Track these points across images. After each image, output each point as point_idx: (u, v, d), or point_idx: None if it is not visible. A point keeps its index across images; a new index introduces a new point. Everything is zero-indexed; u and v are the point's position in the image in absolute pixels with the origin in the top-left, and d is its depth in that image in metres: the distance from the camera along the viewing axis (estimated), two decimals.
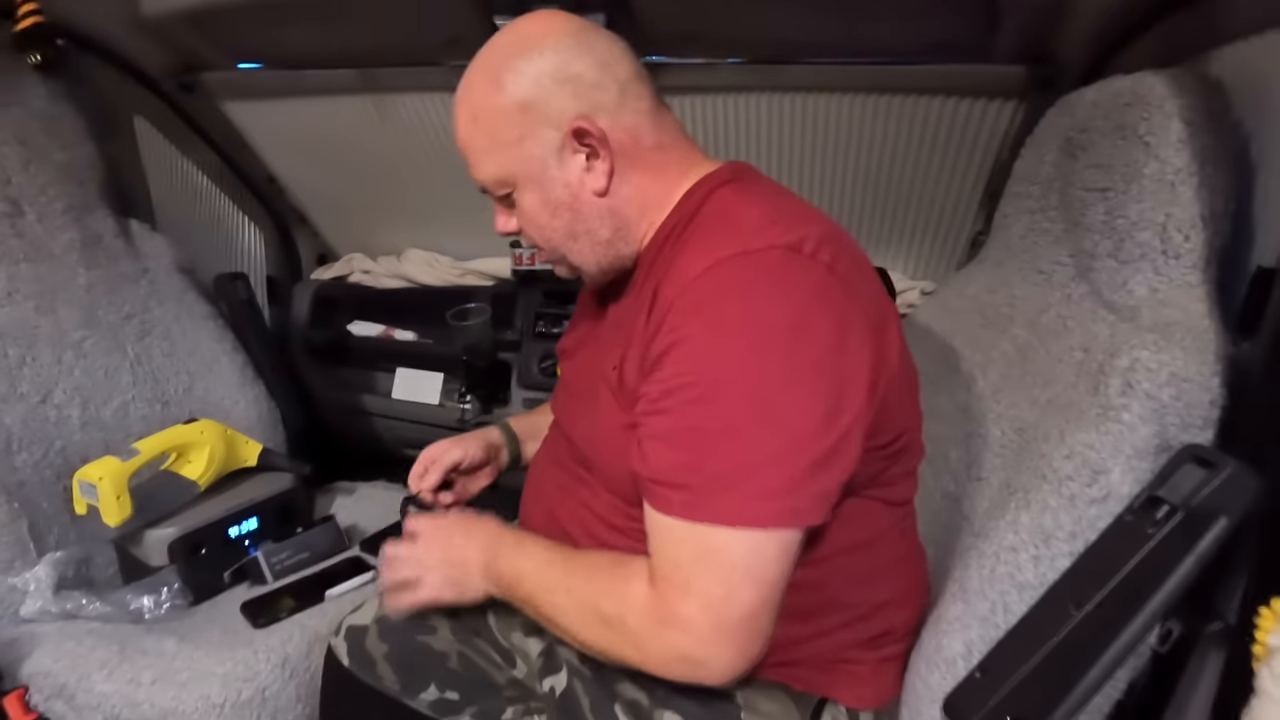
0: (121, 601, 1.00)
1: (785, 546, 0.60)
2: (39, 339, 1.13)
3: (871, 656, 0.73)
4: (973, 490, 0.83)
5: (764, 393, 0.58)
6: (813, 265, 0.61)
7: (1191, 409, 0.65)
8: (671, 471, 0.60)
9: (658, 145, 0.70)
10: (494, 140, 0.68)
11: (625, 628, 0.63)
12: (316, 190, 1.74)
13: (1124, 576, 0.62)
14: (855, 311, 0.62)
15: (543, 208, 0.70)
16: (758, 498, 0.58)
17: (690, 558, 0.60)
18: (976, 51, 1.11)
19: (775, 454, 0.59)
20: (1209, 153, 0.69)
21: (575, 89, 0.67)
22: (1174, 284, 0.71)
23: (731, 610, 0.59)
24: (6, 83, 1.15)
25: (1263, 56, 0.74)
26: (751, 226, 0.63)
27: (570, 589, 0.68)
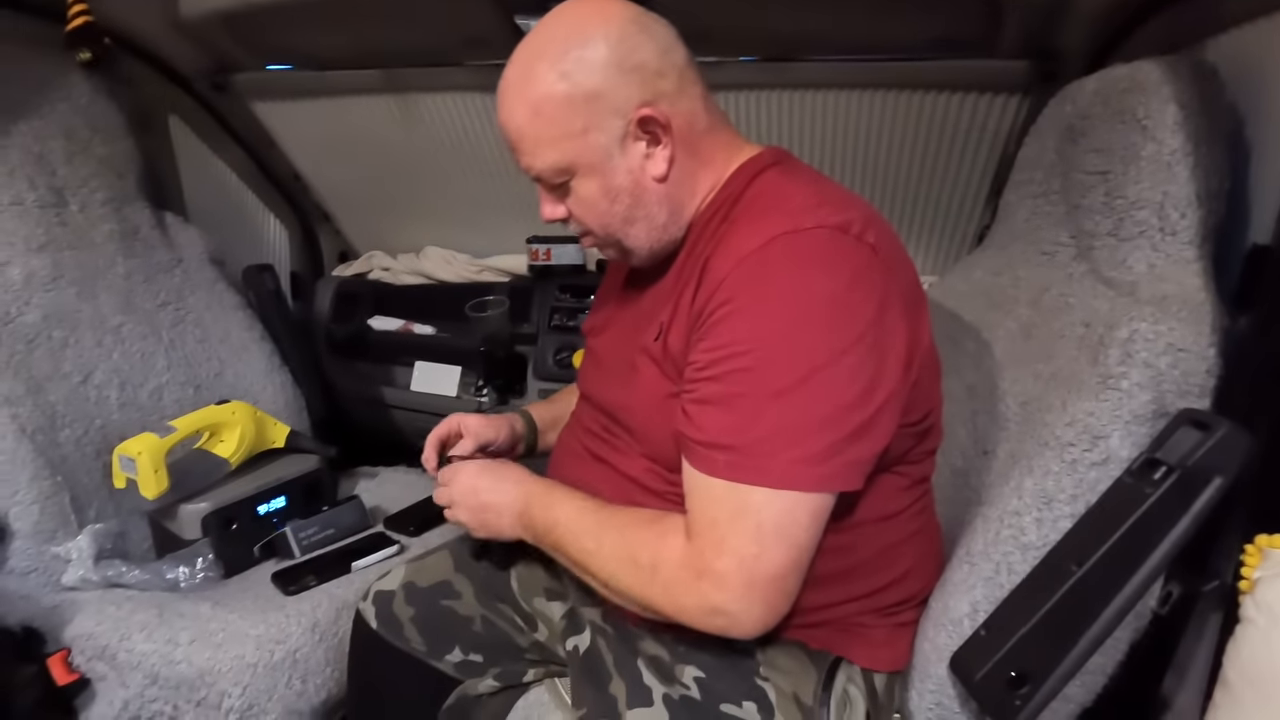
0: (158, 571, 1.04)
1: (817, 511, 0.63)
2: (81, 323, 1.18)
3: (887, 622, 0.76)
4: (980, 465, 0.86)
5: (811, 362, 0.61)
6: (859, 246, 0.64)
7: (1188, 377, 0.68)
8: (718, 433, 0.63)
9: (709, 129, 0.73)
10: (558, 131, 0.68)
11: (658, 576, 0.66)
12: (339, 188, 1.80)
13: (1123, 534, 0.65)
14: (894, 292, 0.65)
15: (603, 194, 0.71)
16: (798, 462, 0.61)
17: (728, 516, 0.62)
18: (981, 47, 1.15)
19: (819, 421, 0.61)
20: (1204, 134, 0.72)
21: (641, 78, 0.67)
22: (1171, 260, 0.74)
23: (762, 568, 0.62)
24: (55, 81, 1.21)
25: (1255, 43, 0.77)
26: (800, 207, 0.66)
27: (603, 537, 0.71)
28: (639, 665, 0.73)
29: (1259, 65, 0.76)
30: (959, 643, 0.72)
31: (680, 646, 0.73)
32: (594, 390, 0.84)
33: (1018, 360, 0.85)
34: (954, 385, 0.95)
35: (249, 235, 1.75)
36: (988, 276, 1.00)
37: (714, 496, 0.63)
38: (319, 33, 1.35)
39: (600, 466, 0.79)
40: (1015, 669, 0.67)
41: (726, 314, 0.64)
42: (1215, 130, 0.73)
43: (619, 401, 0.77)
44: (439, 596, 0.88)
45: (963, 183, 1.39)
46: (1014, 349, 0.87)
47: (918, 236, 1.51)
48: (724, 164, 0.74)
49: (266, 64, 1.48)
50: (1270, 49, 0.76)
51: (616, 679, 0.73)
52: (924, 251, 1.54)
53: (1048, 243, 0.89)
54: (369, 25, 1.31)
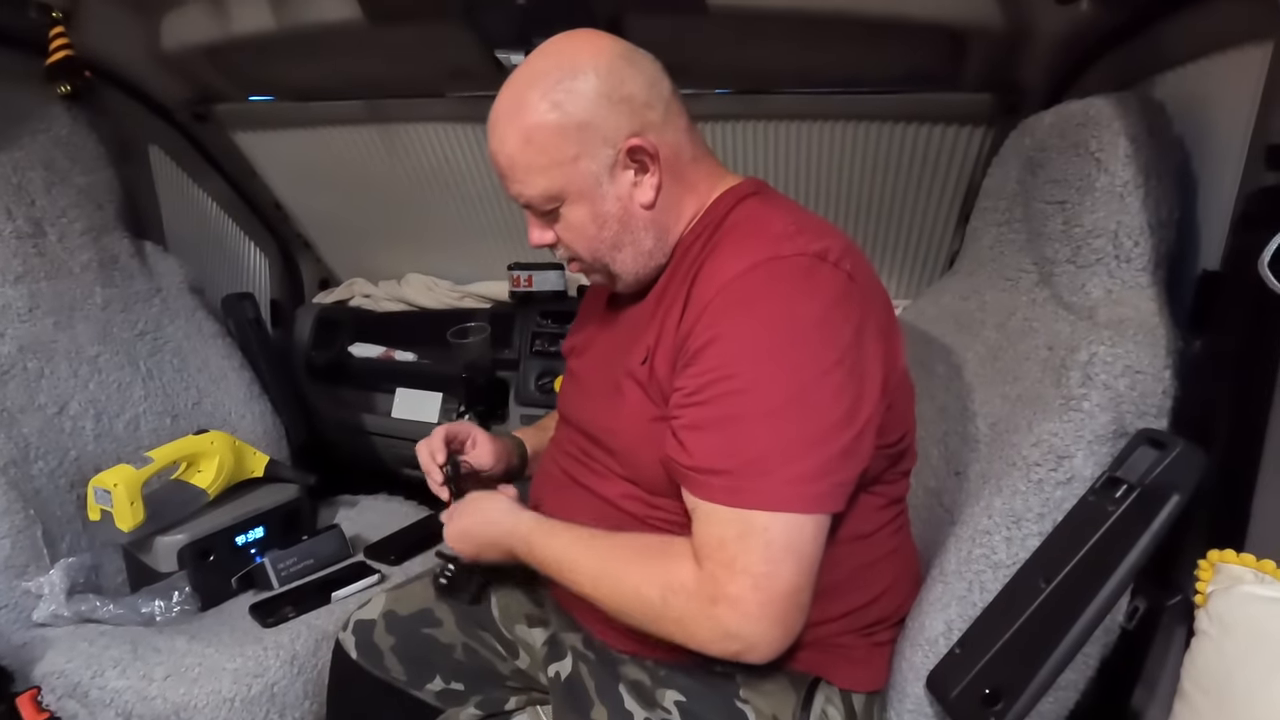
0: (133, 605, 1.02)
1: (819, 527, 0.64)
2: (57, 353, 1.17)
3: (865, 641, 0.77)
4: (952, 485, 0.88)
5: (798, 384, 0.63)
6: (836, 273, 0.66)
7: (1145, 398, 0.71)
8: (711, 458, 0.64)
9: (694, 159, 0.75)
10: (549, 158, 0.70)
11: (669, 608, 0.65)
12: (320, 216, 1.81)
13: (1088, 551, 0.67)
14: (871, 318, 0.68)
15: (592, 221, 0.73)
16: (793, 482, 0.62)
17: (735, 537, 0.63)
18: (947, 81, 1.20)
19: (810, 441, 0.63)
20: (1153, 167, 0.76)
21: (630, 109, 0.70)
22: (1126, 285, 0.77)
23: (776, 586, 0.62)
24: (36, 112, 1.21)
25: (1196, 81, 0.81)
26: (780, 234, 0.68)
27: (605, 574, 0.70)
28: (620, 691, 0.73)
29: (1201, 102, 0.81)
30: (935, 661, 0.73)
31: (661, 670, 0.74)
32: (574, 412, 0.85)
33: (986, 382, 0.88)
34: (926, 407, 0.97)
35: (229, 263, 1.75)
36: (956, 301, 1.03)
37: (718, 519, 0.64)
38: (301, 64, 1.37)
39: (579, 491, 0.80)
40: (990, 686, 0.68)
41: (712, 339, 0.65)
42: (1164, 163, 0.77)
43: (601, 424, 0.78)
44: (420, 625, 0.88)
45: (932, 210, 1.43)
46: (982, 371, 0.90)
47: (890, 262, 1.55)
48: (707, 192, 0.76)
49: (248, 95, 1.50)
50: (1209, 87, 0.80)
51: (598, 705, 0.73)
52: (897, 276, 1.58)
53: (1011, 269, 0.93)
54: (352, 58, 1.33)
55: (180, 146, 1.56)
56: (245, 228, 1.76)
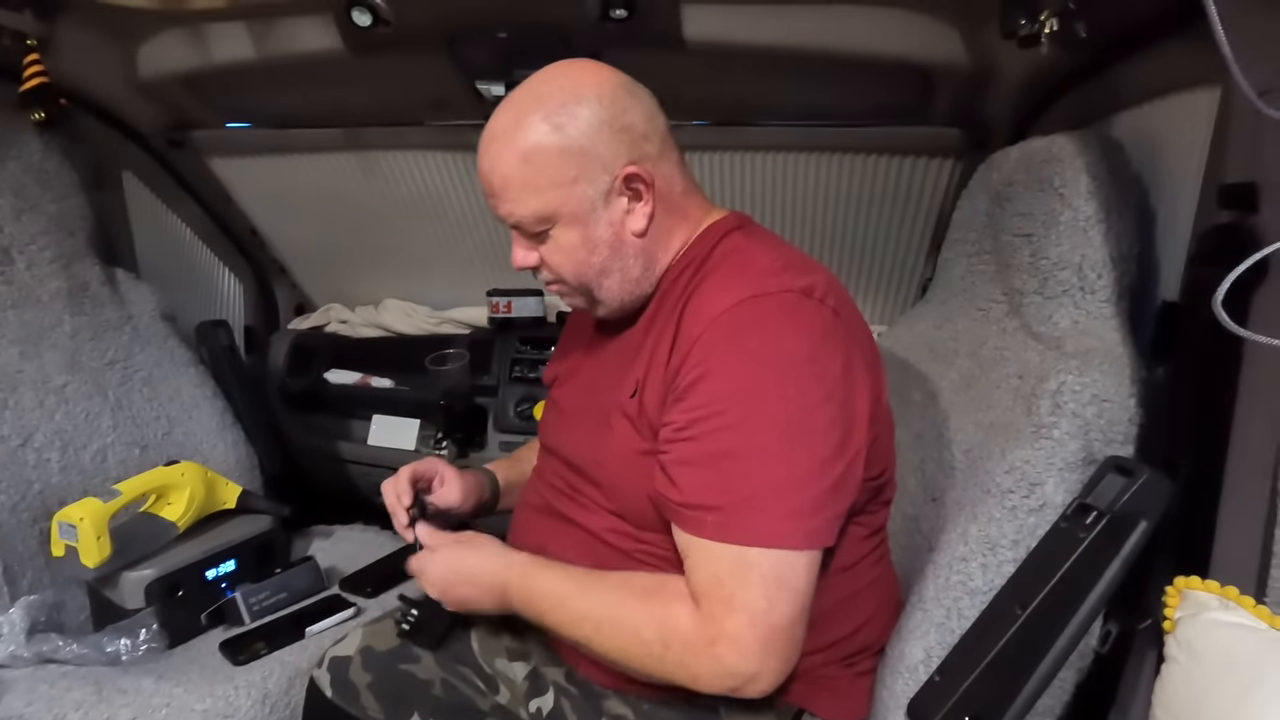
0: (97, 645, 0.99)
1: (812, 561, 0.65)
2: (22, 383, 1.14)
3: (847, 672, 0.78)
4: (929, 512, 0.90)
5: (789, 419, 0.63)
6: (821, 308, 0.68)
7: (1112, 425, 0.73)
8: (703, 494, 0.64)
9: (685, 191, 0.77)
10: (547, 179, 0.71)
11: (670, 651, 0.65)
12: (297, 242, 1.79)
13: (1061, 577, 0.68)
14: (856, 351, 0.69)
15: (583, 244, 0.73)
16: (785, 518, 0.63)
17: (731, 574, 0.63)
18: (916, 115, 1.24)
19: (802, 477, 0.63)
20: (1114, 203, 0.79)
21: (629, 138, 0.71)
22: (1092, 316, 0.80)
23: (773, 620, 0.62)
24: (6, 138, 1.19)
25: (1151, 121, 0.85)
26: (766, 270, 0.69)
27: (602, 619, 0.69)
28: None
29: (1156, 140, 0.84)
30: (915, 689, 0.73)
31: (644, 705, 0.73)
32: (557, 442, 0.85)
33: (960, 410, 0.90)
34: (902, 434, 0.98)
35: (202, 289, 1.72)
36: (930, 329, 1.05)
37: (712, 557, 0.64)
38: (280, 93, 1.37)
39: (563, 524, 0.80)
40: (969, 713, 0.68)
41: (702, 374, 0.65)
42: (1124, 198, 0.80)
43: (587, 456, 0.78)
44: (397, 661, 0.86)
45: (904, 239, 1.47)
46: (957, 399, 0.92)
47: (864, 289, 1.58)
48: (695, 224, 0.78)
49: (225, 122, 1.49)
50: (1163, 126, 0.84)
51: None
52: (871, 303, 1.61)
53: (982, 299, 0.95)
54: (331, 87, 1.34)
55: (155, 173, 1.54)
56: (219, 254, 1.74)
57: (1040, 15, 0.75)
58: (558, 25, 1.09)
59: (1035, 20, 0.76)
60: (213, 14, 1.14)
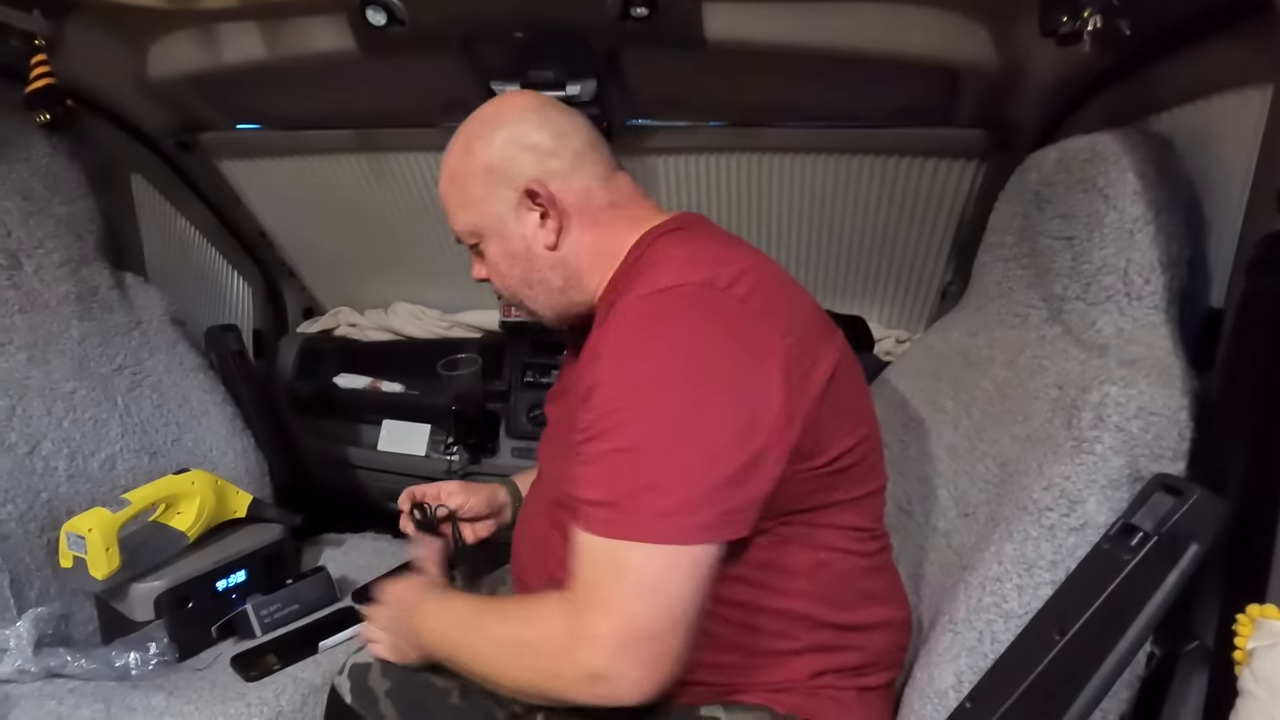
0: (106, 659, 0.97)
1: (696, 564, 0.62)
2: (29, 390, 1.13)
3: (852, 684, 0.75)
4: (962, 526, 0.86)
5: (671, 415, 0.63)
6: (724, 298, 0.66)
7: (1160, 440, 0.69)
8: (596, 491, 0.64)
9: (610, 204, 0.79)
10: (465, 197, 0.79)
11: (540, 654, 0.65)
12: (307, 245, 1.77)
13: (1103, 602, 0.65)
14: (767, 337, 0.66)
15: (503, 257, 0.80)
16: (670, 514, 0.62)
17: (606, 575, 0.63)
18: (940, 116, 1.20)
19: (682, 472, 0.62)
20: (1162, 204, 0.75)
21: (533, 156, 0.77)
22: (1138, 323, 0.76)
23: (640, 626, 0.61)
24: (14, 140, 1.18)
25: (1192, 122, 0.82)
26: (672, 267, 0.70)
27: (484, 630, 0.71)
28: None
29: (1198, 142, 0.81)
30: (945, 715, 0.70)
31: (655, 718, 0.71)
32: (544, 463, 0.87)
33: (996, 421, 0.87)
34: (934, 446, 0.96)
35: (211, 293, 1.71)
36: (964, 337, 1.02)
37: (593, 557, 0.64)
38: (291, 94, 1.35)
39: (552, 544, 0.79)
40: None
41: (599, 377, 0.66)
42: (1172, 200, 0.76)
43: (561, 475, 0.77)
44: (416, 668, 0.85)
45: (924, 243, 1.44)
46: (992, 410, 0.88)
47: (882, 293, 1.55)
48: (627, 235, 0.78)
49: (236, 123, 1.47)
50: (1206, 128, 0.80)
51: None
52: (888, 307, 1.58)
53: (1020, 305, 0.92)
54: (343, 88, 1.31)
55: (163, 175, 1.52)
56: (228, 256, 1.72)
57: (1083, 12, 0.72)
58: (576, 25, 1.07)
59: (1078, 17, 0.73)
60: (224, 14, 1.12)
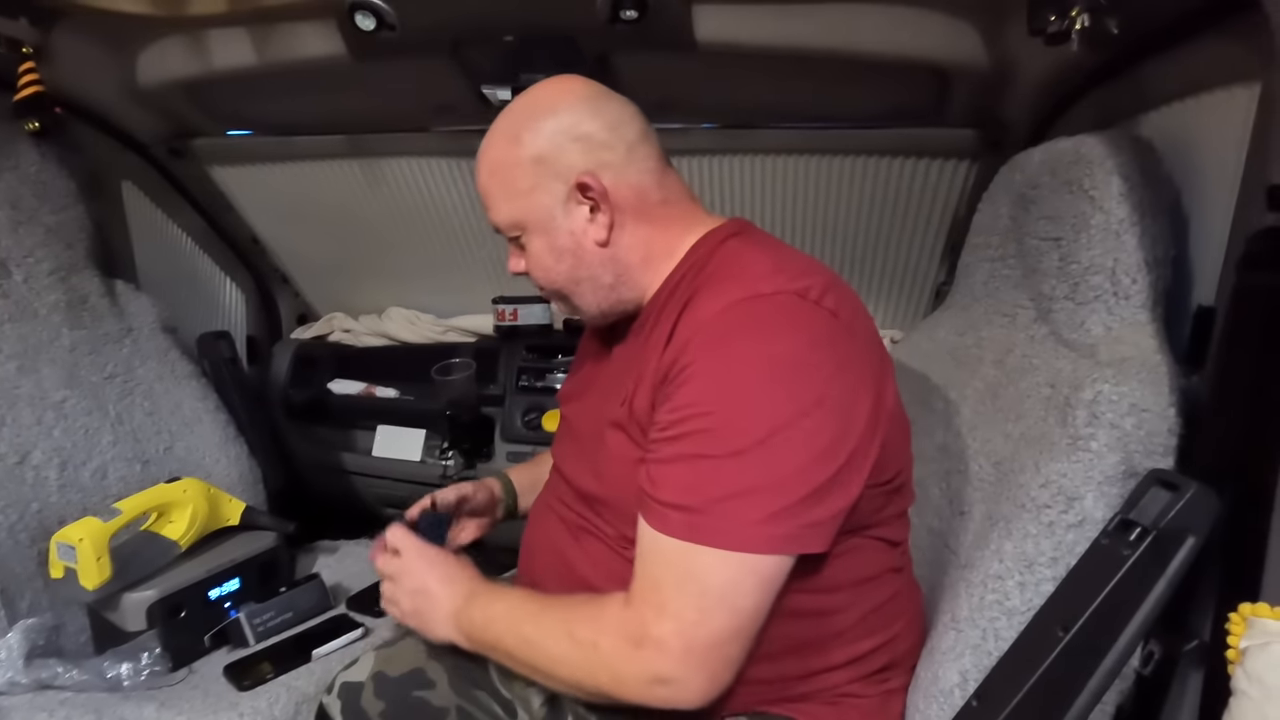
0: (98, 669, 0.96)
1: (768, 577, 0.63)
2: (19, 399, 1.12)
3: (875, 690, 0.75)
4: (957, 525, 0.87)
5: (770, 424, 0.62)
6: (818, 310, 0.66)
7: (1152, 436, 0.70)
8: (676, 493, 0.64)
9: (663, 201, 0.76)
10: (510, 189, 0.75)
11: (599, 651, 0.65)
12: (299, 251, 1.77)
13: (1105, 597, 0.65)
14: (857, 353, 0.67)
15: (549, 252, 0.76)
16: (754, 523, 0.62)
17: (672, 580, 0.63)
18: (931, 116, 1.21)
19: (776, 482, 0.62)
20: (1147, 205, 0.76)
21: (585, 147, 0.73)
22: (1126, 323, 0.77)
23: (702, 635, 0.61)
24: (2, 149, 1.17)
25: (1181, 120, 0.82)
26: (761, 273, 0.69)
27: (542, 620, 0.71)
28: None
29: (1186, 141, 0.82)
30: (950, 714, 0.70)
31: None
32: (566, 465, 0.84)
33: (987, 420, 0.87)
34: (925, 445, 0.96)
35: (203, 299, 1.70)
36: (952, 336, 1.02)
37: (663, 558, 0.64)
38: (282, 99, 1.35)
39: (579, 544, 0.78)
40: None
41: (689, 376, 0.65)
42: (1157, 201, 0.77)
43: (592, 473, 0.77)
44: (411, 687, 0.83)
45: (917, 243, 1.44)
46: (982, 409, 0.89)
47: (876, 294, 1.56)
48: (681, 234, 0.76)
49: (227, 130, 1.47)
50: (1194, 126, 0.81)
51: None
52: (882, 307, 1.58)
53: (1008, 305, 0.92)
54: (335, 93, 1.31)
55: (154, 182, 1.52)
56: (221, 263, 1.71)
57: (1071, 11, 0.73)
58: (566, 28, 1.07)
59: (1065, 16, 0.73)
60: (213, 20, 1.12)
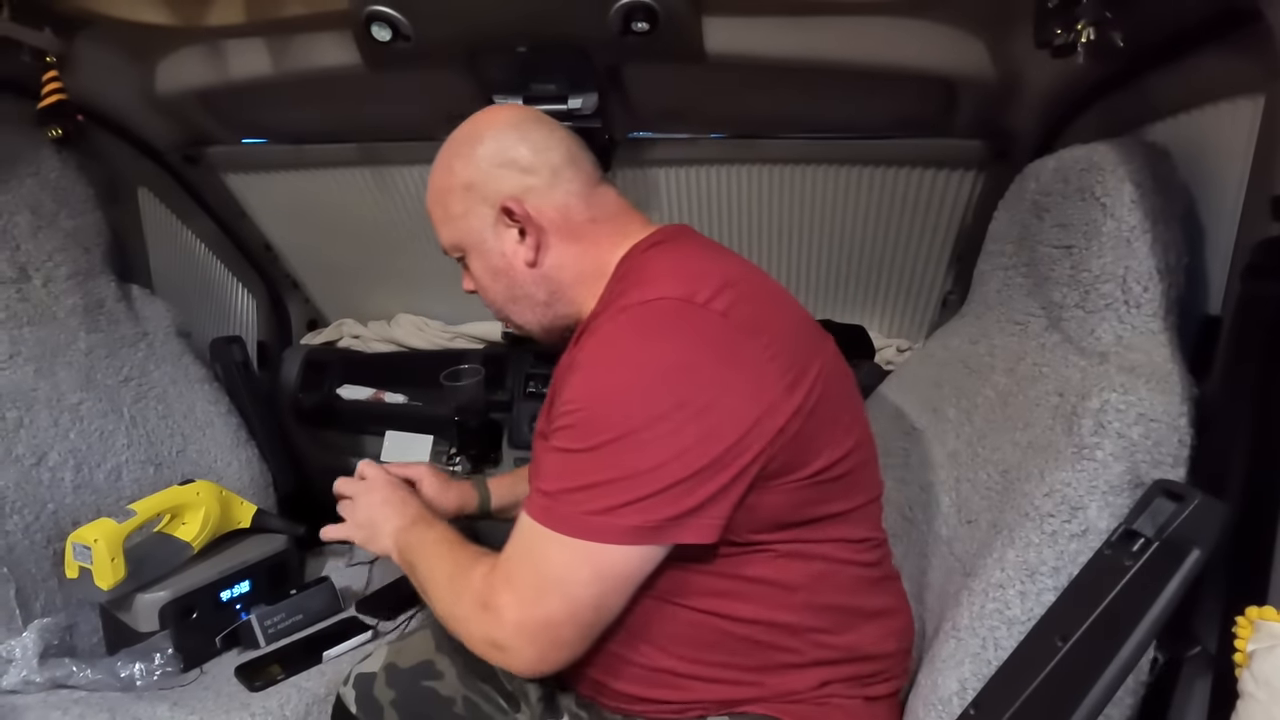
0: (111, 669, 0.97)
1: (607, 565, 0.65)
2: (37, 401, 1.14)
3: (859, 693, 0.75)
4: (964, 533, 0.86)
5: (625, 424, 0.64)
6: (703, 313, 0.67)
7: (1160, 446, 0.70)
8: (545, 480, 0.68)
9: (590, 220, 0.79)
10: (446, 214, 0.80)
11: (459, 604, 0.72)
12: (311, 257, 1.79)
13: (1105, 608, 0.64)
14: (750, 355, 0.66)
15: (485, 273, 0.81)
16: (592, 514, 0.64)
17: (520, 557, 0.68)
18: (938, 127, 1.22)
19: (622, 477, 0.64)
20: (1159, 212, 0.76)
21: (510, 173, 0.77)
22: (1137, 331, 0.76)
23: (536, 613, 0.66)
24: (23, 155, 1.19)
25: (1187, 130, 0.83)
26: (651, 280, 0.71)
27: (442, 561, 0.77)
28: None
29: (1194, 151, 0.82)
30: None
31: None
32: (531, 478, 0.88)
33: (997, 428, 0.87)
34: (937, 452, 0.96)
35: (215, 305, 1.72)
36: (965, 345, 1.02)
37: (521, 536, 0.68)
38: (297, 108, 1.37)
39: None
40: None
41: (571, 379, 0.69)
42: (1169, 208, 0.77)
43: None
44: (420, 677, 0.86)
45: (924, 252, 1.45)
46: (993, 417, 0.89)
47: (882, 302, 1.56)
48: (612, 248, 0.78)
49: (241, 138, 1.49)
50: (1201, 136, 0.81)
51: None
52: (889, 317, 1.59)
53: (1020, 313, 0.92)
54: (349, 103, 1.33)
55: (169, 188, 1.54)
56: (233, 269, 1.73)
57: (1077, 24, 0.73)
58: (578, 40, 1.08)
59: (1071, 29, 0.74)
60: (231, 30, 1.14)
